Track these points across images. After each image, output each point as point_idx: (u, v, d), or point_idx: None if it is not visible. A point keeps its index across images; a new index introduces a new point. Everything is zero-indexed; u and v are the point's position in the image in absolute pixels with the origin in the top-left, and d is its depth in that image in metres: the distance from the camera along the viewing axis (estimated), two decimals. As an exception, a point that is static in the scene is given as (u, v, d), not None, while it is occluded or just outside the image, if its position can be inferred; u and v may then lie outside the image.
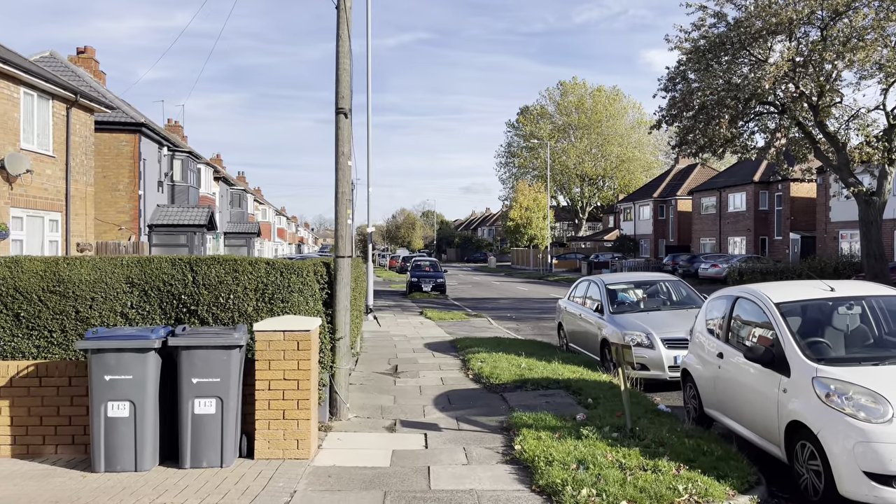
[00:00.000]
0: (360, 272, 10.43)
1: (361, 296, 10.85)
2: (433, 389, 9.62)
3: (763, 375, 6.03)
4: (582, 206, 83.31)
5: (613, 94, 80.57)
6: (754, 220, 42.97)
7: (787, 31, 19.85)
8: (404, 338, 15.84)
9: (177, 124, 44.01)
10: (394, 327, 18.21)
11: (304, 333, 6.20)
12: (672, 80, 22.82)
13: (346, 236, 7.88)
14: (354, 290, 10.02)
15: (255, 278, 7.11)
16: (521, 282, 44.88)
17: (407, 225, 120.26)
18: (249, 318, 7.09)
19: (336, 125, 7.76)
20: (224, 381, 5.89)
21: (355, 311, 10.25)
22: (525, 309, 24.88)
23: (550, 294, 32.16)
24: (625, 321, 10.59)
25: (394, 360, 12.42)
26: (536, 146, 76.95)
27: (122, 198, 21.96)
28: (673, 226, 55.79)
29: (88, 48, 28.03)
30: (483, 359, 11.40)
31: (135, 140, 21.93)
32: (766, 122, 24.18)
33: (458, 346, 13.82)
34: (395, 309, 24.23)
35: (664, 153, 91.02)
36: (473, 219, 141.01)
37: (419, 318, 21.05)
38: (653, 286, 12.04)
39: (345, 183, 7.79)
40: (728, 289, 7.69)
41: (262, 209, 58.93)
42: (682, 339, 9.79)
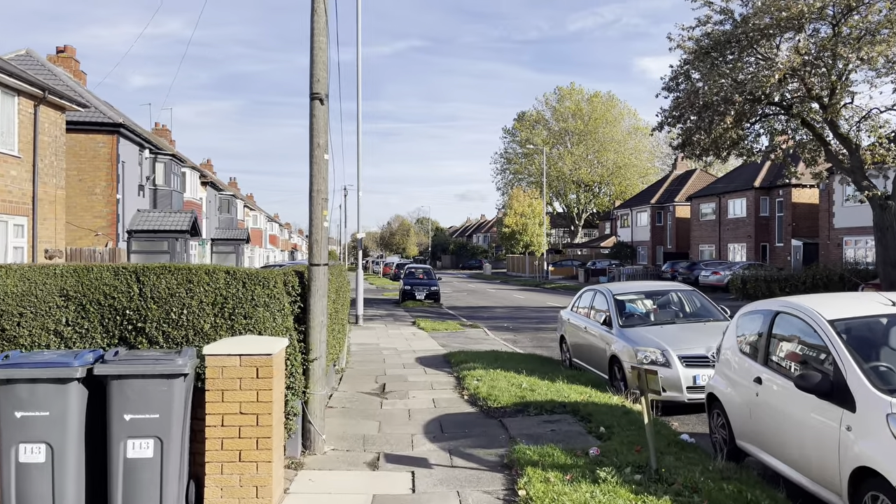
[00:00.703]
0: (342, 281, 9.38)
1: (345, 307, 9.80)
2: (424, 413, 8.56)
3: (818, 408, 5.00)
4: (578, 212, 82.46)
5: (609, 100, 79.90)
6: (755, 227, 42.08)
7: (797, 27, 18.94)
8: (395, 351, 14.78)
9: (164, 128, 42.95)
10: (384, 339, 17.14)
11: (265, 358, 5.14)
12: (675, 80, 21.90)
13: (322, 241, 6.83)
14: (336, 302, 8.97)
15: (212, 290, 6.06)
16: (517, 289, 43.86)
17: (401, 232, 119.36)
18: (207, 338, 6.04)
19: (310, 113, 6.73)
20: (164, 417, 4.82)
21: (337, 324, 9.20)
22: (522, 318, 23.85)
23: (548, 302, 31.14)
24: (636, 336, 9.56)
25: (382, 377, 11.35)
26: (532, 152, 76.13)
27: (99, 202, 20.87)
28: (671, 232, 54.90)
29: (69, 47, 26.99)
30: (479, 377, 10.35)
31: (112, 141, 20.85)
32: (772, 125, 23.29)
33: (452, 360, 12.76)
34: (387, 318, 23.16)
35: (660, 160, 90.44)
36: (469, 225, 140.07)
37: (411, 328, 19.99)
38: (664, 296, 11.02)
39: (320, 179, 6.75)
40: (763, 302, 6.67)
41: (254, 215, 57.79)
42: (702, 357, 8.79)
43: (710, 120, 19.44)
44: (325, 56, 6.75)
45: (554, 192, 79.74)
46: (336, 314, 9.02)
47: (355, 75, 18.03)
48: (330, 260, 21.78)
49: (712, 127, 19.43)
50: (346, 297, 10.05)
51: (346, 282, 10.14)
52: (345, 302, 9.83)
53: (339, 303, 9.19)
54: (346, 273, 10.10)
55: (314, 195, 6.74)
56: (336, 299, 8.95)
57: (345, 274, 9.83)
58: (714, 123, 19.32)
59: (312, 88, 6.71)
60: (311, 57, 6.70)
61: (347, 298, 10.17)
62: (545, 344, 16.98)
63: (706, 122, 19.56)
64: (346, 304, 10.09)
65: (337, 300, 9.04)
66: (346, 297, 10.05)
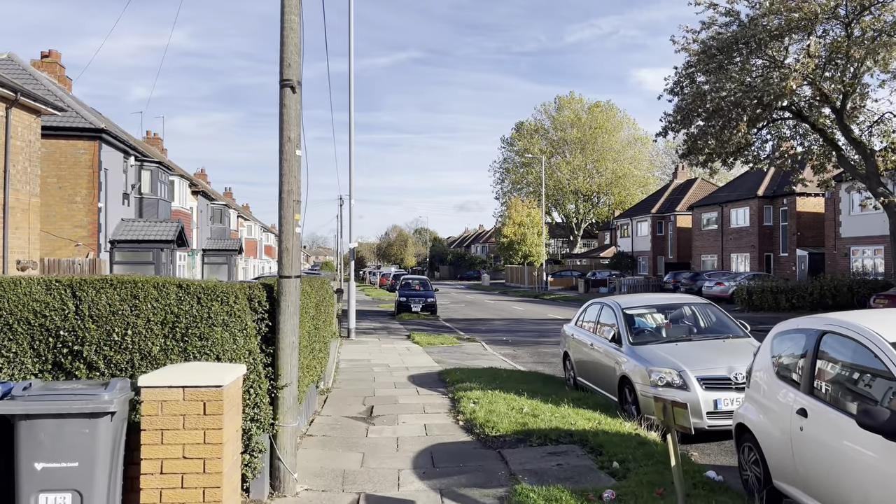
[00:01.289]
0: (324, 295, 8.48)
1: (328, 323, 8.89)
2: (413, 443, 7.64)
3: (886, 451, 4.11)
4: (577, 222, 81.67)
5: (609, 109, 79.30)
6: (758, 236, 41.24)
7: (808, 28, 18.17)
8: (386, 368, 13.86)
9: (156, 137, 42.18)
10: (376, 354, 16.22)
11: (214, 391, 4.25)
12: (679, 84, 21.12)
13: (294, 249, 5.95)
14: (316, 318, 8.08)
15: (161, 307, 5.18)
16: (516, 301, 42.94)
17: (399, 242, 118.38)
18: (156, 363, 5.16)
19: (280, 102, 5.87)
20: (86, 466, 3.92)
21: (318, 342, 8.30)
22: (521, 331, 22.93)
23: (548, 314, 30.24)
24: (649, 354, 8.66)
25: (370, 398, 10.43)
26: (531, 161, 75.44)
27: (80, 211, 19.98)
28: (672, 242, 54.06)
29: (53, 52, 26.19)
30: (476, 399, 9.44)
31: (94, 147, 19.99)
32: (780, 130, 22.50)
33: (447, 379, 11.85)
34: (381, 332, 22.24)
35: (660, 169, 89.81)
36: (467, 236, 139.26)
37: (406, 342, 19.07)
38: (678, 310, 10.12)
39: (292, 179, 5.87)
40: (804, 320, 5.77)
41: (248, 225, 56.90)
42: (723, 379, 7.91)
43: (720, 125, 18.62)
44: (298, 38, 5.89)
45: (552, 202, 78.97)
46: (316, 331, 8.13)
47: (349, 80, 17.25)
48: (325, 271, 20.79)
49: (722, 132, 18.61)
50: (330, 311, 9.14)
51: (330, 295, 9.24)
52: (328, 317, 8.92)
53: (319, 318, 8.30)
54: (330, 285, 9.19)
55: (284, 197, 5.86)
56: (316, 315, 8.06)
57: (328, 286, 8.94)
58: (724, 129, 18.50)
59: (283, 74, 5.84)
60: (282, 38, 5.84)
61: (331, 313, 9.27)
62: (547, 359, 16.08)
63: (715, 127, 18.75)
64: (330, 319, 9.19)
65: (317, 316, 8.15)
66: (330, 311, 9.14)
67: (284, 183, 5.86)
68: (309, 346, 7.65)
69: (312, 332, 7.81)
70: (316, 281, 8.27)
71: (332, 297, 9.10)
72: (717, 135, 18.80)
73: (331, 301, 9.14)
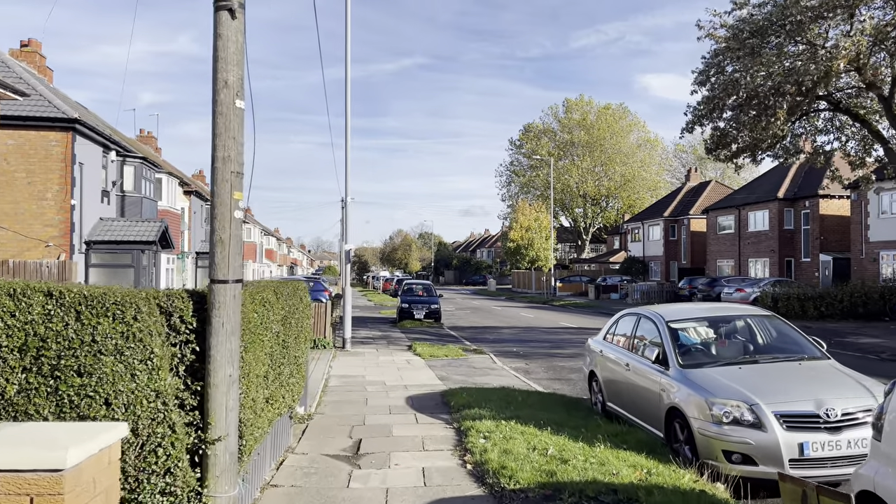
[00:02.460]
0: (295, 304, 6.72)
1: (302, 339, 7.11)
2: (407, 498, 5.86)
3: None
4: (585, 226, 79.80)
5: (619, 111, 77.53)
6: (779, 241, 39.32)
7: (851, 7, 16.37)
8: (382, 386, 12.07)
9: (150, 135, 40.53)
10: (372, 369, 14.44)
11: (49, 479, 2.47)
12: (706, 73, 19.33)
13: (232, 241, 4.18)
14: (285, 334, 6.31)
15: (18, 326, 3.42)
16: (524, 307, 41.09)
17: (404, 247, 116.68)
18: (14, 409, 3.41)
19: (214, 32, 4.12)
20: None
21: (288, 365, 6.52)
22: (533, 341, 21.10)
23: (560, 322, 28.40)
24: (707, 381, 6.85)
25: (359, 427, 8.66)
26: (538, 164, 73.69)
27: (51, 208, 18.28)
28: (685, 247, 52.14)
29: (33, 41, 24.59)
30: (488, 432, 7.66)
31: (67, 139, 18.29)
32: (814, 123, 20.68)
33: (451, 402, 10.06)
34: (380, 342, 20.44)
35: (670, 173, 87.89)
36: (472, 240, 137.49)
37: (406, 354, 17.28)
38: (733, 323, 8.30)
39: (229, 140, 4.11)
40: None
41: (247, 228, 55.22)
42: (811, 416, 6.13)
43: (756, 113, 16.80)
44: (241, -60, 4.14)
45: (560, 206, 77.11)
46: (285, 351, 6.36)
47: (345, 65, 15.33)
48: (328, 276, 17.98)
49: (757, 122, 16.80)
50: (305, 324, 7.37)
51: (306, 304, 7.47)
52: (301, 332, 7.14)
53: (290, 334, 6.52)
54: (306, 291, 7.42)
55: (218, 166, 4.10)
56: (285, 331, 6.29)
57: (302, 294, 7.17)
58: (759, 118, 16.69)
59: (218, -9, 4.09)
60: (217, -60, 4.08)
61: (306, 326, 7.50)
62: (564, 375, 14.27)
63: (751, 116, 16.93)
64: (305, 333, 7.42)
65: (286, 331, 6.38)
66: (305, 324, 7.37)
67: (219, 147, 4.11)
68: (273, 371, 5.89)
69: (278, 352, 6.05)
70: (285, 287, 6.50)
71: (307, 307, 7.34)
72: (752, 125, 16.98)
73: (306, 312, 7.37)
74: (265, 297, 5.62)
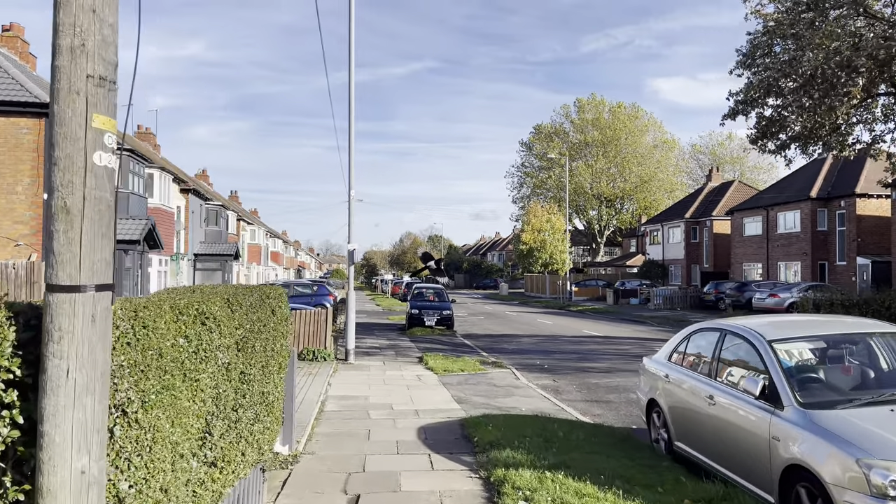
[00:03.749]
0: (263, 319, 4.70)
1: (273, 368, 5.08)
2: None
3: None
4: (599, 229, 77.51)
5: (633, 111, 75.36)
6: (811, 243, 37.05)
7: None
8: (389, 412, 10.06)
9: (148, 131, 38.81)
10: (378, 387, 12.42)
11: None
12: (751, 56, 17.24)
13: (89, 211, 2.16)
14: (245, 364, 4.30)
15: None
16: (541, 312, 38.98)
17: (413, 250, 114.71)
18: None
19: None
20: None
21: (252, 407, 4.53)
22: (556, 352, 19.03)
23: (582, 329, 26.29)
24: (851, 429, 4.79)
25: (357, 476, 6.65)
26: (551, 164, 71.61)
27: (21, 203, 16.40)
28: (708, 249, 49.86)
29: (15, 25, 22.80)
30: (530, 490, 5.65)
31: (39, 126, 16.42)
32: (872, 110, 18.51)
33: (475, 437, 8.04)
34: (388, 352, 18.42)
35: (687, 174, 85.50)
36: (482, 243, 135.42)
37: (417, 367, 15.26)
38: (861, 343, 6.21)
39: (83, 10, 2.08)
40: None
41: (251, 229, 53.38)
42: None
43: (821, 95, 14.67)
44: None
45: (573, 208, 74.88)
46: (245, 387, 4.35)
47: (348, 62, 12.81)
48: (336, 279, 15.05)
49: (820, 105, 14.68)
50: (276, 346, 5.35)
51: (281, 318, 5.47)
52: (272, 356, 5.12)
53: (252, 362, 4.51)
54: (280, 297, 5.42)
55: (63, 63, 2.09)
56: (243, 360, 4.28)
57: (275, 302, 5.16)
58: (824, 99, 14.57)
59: None
60: None
61: (280, 348, 5.47)
62: (601, 395, 12.21)
63: (814, 98, 14.80)
64: (277, 357, 5.38)
65: (246, 360, 4.37)
66: (276, 346, 5.35)
67: (64, 26, 2.10)
68: (224, 421, 3.90)
69: (230, 392, 4.05)
70: (247, 295, 4.50)
71: (283, 322, 5.33)
72: (814, 108, 14.86)
73: (282, 328, 5.37)
74: (215, 315, 3.64)
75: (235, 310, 4.16)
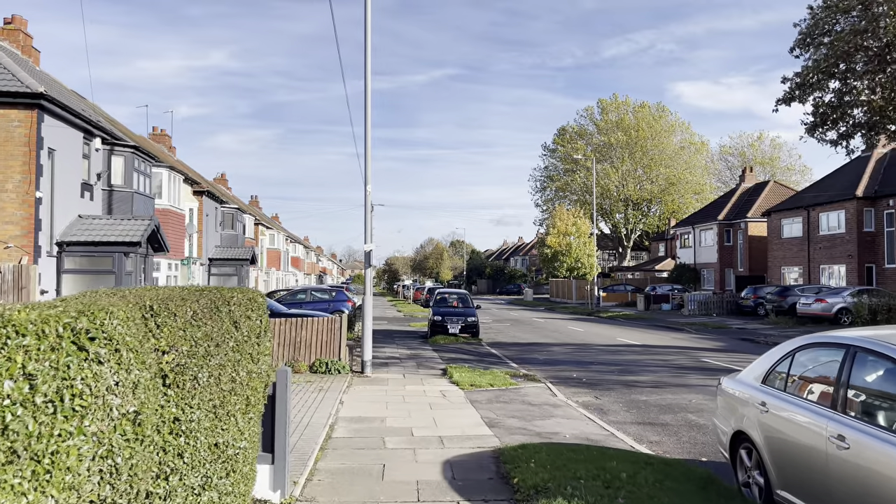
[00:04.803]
0: (222, 333, 3.10)
1: (240, 406, 3.51)
2: None
3: None
4: (626, 233, 75.35)
5: (659, 111, 73.31)
6: (857, 245, 34.85)
7: None
8: (407, 439, 8.50)
9: (163, 133, 37.78)
10: (396, 406, 10.87)
11: None
12: (810, 33, 15.49)
13: None
14: (186, 402, 2.73)
15: None
16: (569, 319, 37.21)
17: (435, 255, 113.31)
18: None
19: None
20: None
21: (205, 467, 2.96)
22: (593, 363, 17.34)
23: (616, 338, 24.53)
24: None
25: (366, 536, 5.10)
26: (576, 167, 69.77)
27: (11, 202, 15.15)
28: (742, 253, 47.66)
29: (17, 17, 21.70)
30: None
31: (31, 118, 15.16)
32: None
33: (513, 475, 6.46)
34: (408, 363, 16.86)
35: (715, 176, 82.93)
36: (505, 248, 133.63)
37: (440, 381, 13.69)
38: None
39: None
40: None
41: (271, 234, 52.22)
42: None
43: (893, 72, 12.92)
44: None
45: (599, 212, 72.85)
46: (187, 436, 2.82)
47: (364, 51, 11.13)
48: (357, 285, 12.86)
49: None
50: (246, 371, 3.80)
51: (252, 331, 3.93)
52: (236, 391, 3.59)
53: (199, 399, 2.96)
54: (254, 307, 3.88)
55: None
56: (187, 396, 2.75)
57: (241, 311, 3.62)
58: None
59: None
60: None
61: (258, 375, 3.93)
62: (653, 416, 10.54)
63: (889, 71, 13.03)
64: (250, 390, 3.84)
65: (189, 397, 2.82)
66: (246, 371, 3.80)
67: None
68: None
69: (160, 449, 2.50)
70: (185, 301, 2.96)
71: (252, 340, 3.77)
72: (892, 83, 13.07)
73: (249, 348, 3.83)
74: (90, 332, 2.12)
75: (162, 324, 2.63)
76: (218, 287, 3.78)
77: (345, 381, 13.13)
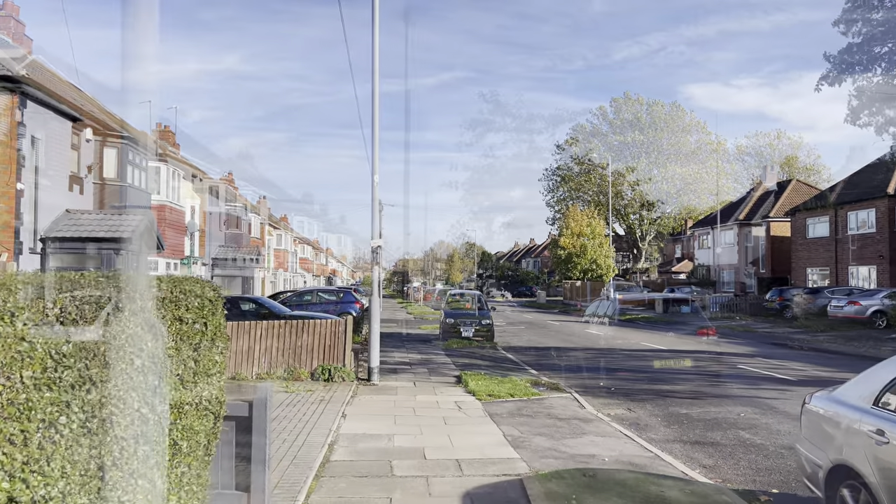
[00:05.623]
0: (127, 338, 1.74)
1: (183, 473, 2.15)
2: None
3: None
4: (641, 234, 73.76)
5: (675, 110, 71.72)
6: (889, 244, 33.27)
7: None
8: (419, 463, 7.21)
9: (167, 129, 36.65)
10: (405, 421, 9.58)
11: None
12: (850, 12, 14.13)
13: None
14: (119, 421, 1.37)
15: None
16: (586, 322, 35.80)
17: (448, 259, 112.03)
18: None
19: None
20: None
21: None
22: (619, 370, 15.99)
23: (640, 342, 23.13)
24: None
25: None
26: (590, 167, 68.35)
27: (-10, 194, 14.01)
28: (764, 253, 46.08)
29: (9, 3, 20.65)
30: None
31: (10, 104, 14.03)
32: None
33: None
34: (419, 369, 15.57)
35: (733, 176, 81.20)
36: (517, 250, 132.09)
37: (455, 391, 12.39)
38: None
39: None
40: None
41: (278, 235, 51.14)
42: None
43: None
44: None
45: (614, 214, 71.32)
46: None
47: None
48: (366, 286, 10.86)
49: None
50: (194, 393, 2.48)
51: (197, 334, 2.60)
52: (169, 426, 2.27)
53: (74, 450, 1.64)
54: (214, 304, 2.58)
55: None
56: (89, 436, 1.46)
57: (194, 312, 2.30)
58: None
59: None
60: None
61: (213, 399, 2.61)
62: (702, 435, 9.19)
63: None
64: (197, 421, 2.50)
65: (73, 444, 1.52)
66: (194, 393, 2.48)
67: None
68: None
69: None
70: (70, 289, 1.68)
71: (188, 356, 2.40)
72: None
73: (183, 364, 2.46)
74: None
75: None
76: (115, 272, 2.51)
77: (349, 389, 11.87)
